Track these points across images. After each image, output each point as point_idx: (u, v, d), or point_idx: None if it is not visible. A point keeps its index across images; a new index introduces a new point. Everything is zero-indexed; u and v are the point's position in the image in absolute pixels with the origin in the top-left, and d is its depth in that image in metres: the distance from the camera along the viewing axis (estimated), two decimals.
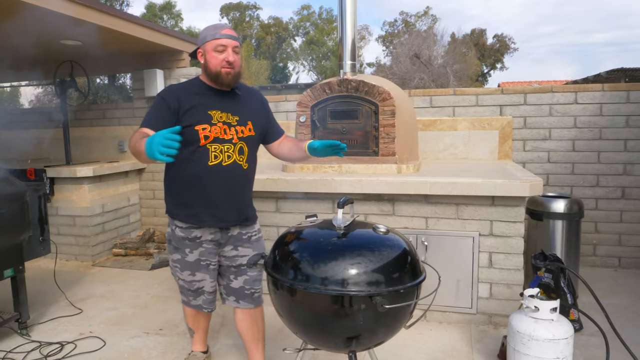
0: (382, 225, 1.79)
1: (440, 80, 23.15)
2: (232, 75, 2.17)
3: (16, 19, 3.72)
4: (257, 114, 2.37)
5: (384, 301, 1.54)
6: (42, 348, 3.01)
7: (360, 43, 39.42)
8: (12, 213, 3.02)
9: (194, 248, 2.30)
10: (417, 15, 34.78)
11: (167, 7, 30.10)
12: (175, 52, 5.17)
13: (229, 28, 2.18)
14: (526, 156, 4.39)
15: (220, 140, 2.18)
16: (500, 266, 3.17)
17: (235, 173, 2.24)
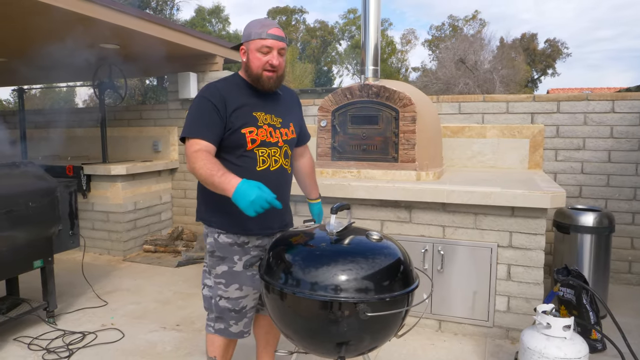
0: (375, 232, 1.77)
1: (485, 85, 22.61)
2: (274, 80, 2.02)
3: (65, 26, 3.95)
4: (296, 115, 2.28)
5: (367, 309, 1.53)
6: (65, 336, 3.16)
7: (406, 47, 39.16)
8: (43, 207, 3.19)
9: (243, 254, 2.10)
10: (465, 19, 34.16)
11: (215, 11, 30.90)
12: (208, 55, 5.31)
13: (276, 27, 1.99)
14: (558, 166, 4.23)
15: (267, 143, 2.05)
16: (519, 279, 3.06)
17: (282, 178, 2.13)
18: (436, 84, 23.90)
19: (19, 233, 3.04)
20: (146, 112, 5.80)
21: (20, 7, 3.49)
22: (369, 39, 3.57)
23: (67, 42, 4.56)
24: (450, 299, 3.20)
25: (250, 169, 2.02)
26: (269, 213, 1.99)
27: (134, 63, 5.12)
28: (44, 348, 2.99)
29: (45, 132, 6.37)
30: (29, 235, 3.12)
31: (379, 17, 3.58)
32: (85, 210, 5.08)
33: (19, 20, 3.80)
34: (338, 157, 3.65)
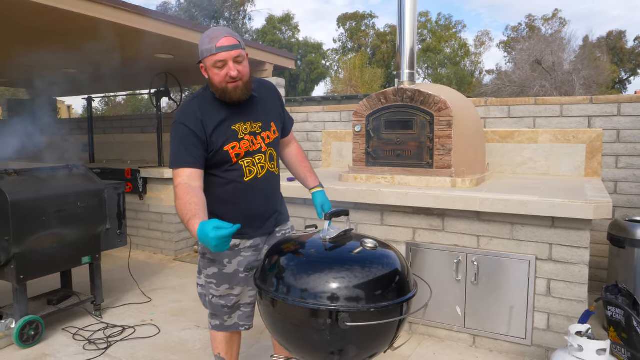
0: (370, 240, 1.72)
1: (564, 88, 21.28)
2: (241, 88, 1.95)
3: (122, 39, 4.24)
4: (275, 111, 2.21)
5: (347, 318, 1.49)
6: (107, 329, 3.36)
7: (480, 49, 37.83)
8: (91, 207, 3.43)
9: (233, 257, 2.11)
10: (544, 19, 32.40)
11: (286, 19, 31.64)
12: (258, 63, 5.44)
13: (225, 36, 1.89)
14: (619, 174, 3.88)
15: (250, 153, 2.05)
16: (559, 295, 2.84)
17: (271, 182, 2.16)
18: (510, 87, 22.86)
19: (68, 231, 3.28)
20: None
21: (75, 23, 3.78)
22: (404, 42, 3.49)
23: (125, 54, 4.88)
24: (485, 313, 3.04)
25: (238, 181, 2.05)
26: (263, 217, 2.16)
27: (187, 72, 5.36)
28: (86, 339, 3.20)
29: (112, 138, 6.83)
30: (78, 233, 3.36)
31: (415, 20, 3.50)
32: (141, 211, 5.39)
33: (77, 35, 4.12)
34: (372, 162, 3.59)
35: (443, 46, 37.12)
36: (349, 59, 32.75)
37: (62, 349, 3.09)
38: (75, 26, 3.87)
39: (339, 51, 40.33)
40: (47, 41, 4.43)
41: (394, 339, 1.72)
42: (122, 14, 3.83)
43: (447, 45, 37.08)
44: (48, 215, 3.14)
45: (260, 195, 2.12)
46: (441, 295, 3.15)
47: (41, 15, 3.57)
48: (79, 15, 3.54)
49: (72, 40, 4.36)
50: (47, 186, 3.22)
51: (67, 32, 4.07)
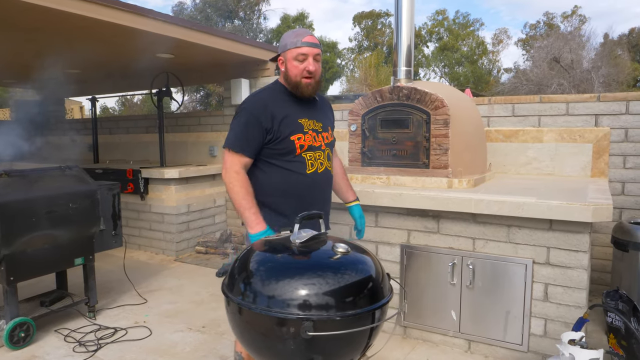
0: (342, 244, 1.64)
1: (582, 86, 20.79)
2: (313, 85, 2.13)
3: (122, 39, 4.23)
4: (331, 120, 2.39)
5: (309, 327, 1.41)
6: (99, 331, 3.34)
7: (497, 47, 37.29)
8: (83, 208, 3.41)
9: None
10: (564, 16, 31.75)
11: (300, 18, 31.60)
12: (259, 62, 5.39)
13: (310, 35, 2.10)
14: (627, 174, 3.73)
15: (313, 148, 2.18)
16: (557, 301, 2.73)
17: (328, 179, 2.28)
18: (527, 86, 22.45)
19: (60, 232, 3.27)
20: (204, 118, 6.03)
21: (70, 23, 3.77)
22: (401, 39, 3.40)
23: (126, 54, 4.87)
24: (481, 317, 2.93)
25: (301, 173, 2.15)
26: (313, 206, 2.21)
27: (188, 71, 5.34)
28: (77, 340, 3.18)
29: (118, 138, 6.86)
30: (70, 234, 3.34)
31: (412, 18, 3.40)
32: (143, 211, 5.39)
33: (76, 35, 4.11)
34: (368, 162, 3.51)
35: (460, 44, 36.70)
36: (364, 58, 32.62)
37: (52, 350, 3.07)
38: (72, 26, 3.86)
39: (354, 50, 40.18)
40: (49, 42, 4.44)
41: (367, 347, 1.64)
42: (121, 14, 3.81)
43: (464, 43, 36.65)
44: (38, 216, 3.12)
45: (319, 190, 2.23)
46: (436, 299, 3.05)
47: (41, 15, 3.57)
48: (75, 16, 3.54)
49: (72, 41, 4.37)
50: (38, 187, 3.21)
51: (66, 32, 4.06)
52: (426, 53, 39.67)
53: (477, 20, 42.47)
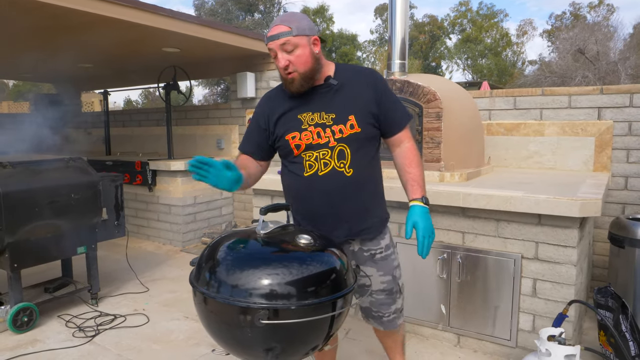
0: (306, 236, 1.67)
1: (608, 78, 20.23)
2: (297, 80, 1.81)
3: (131, 35, 4.33)
4: (363, 103, 1.87)
5: (263, 315, 1.45)
6: (99, 317, 3.45)
7: (522, 39, 36.49)
8: (85, 199, 3.51)
9: None
10: (590, 6, 30.87)
11: (320, 10, 31.50)
12: (265, 55, 5.43)
13: (275, 25, 1.79)
14: (630, 169, 3.64)
15: (313, 146, 1.87)
16: (545, 296, 2.70)
17: (335, 182, 1.88)
18: (550, 78, 21.95)
19: (62, 221, 3.38)
20: (212, 111, 6.11)
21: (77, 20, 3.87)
22: (395, 31, 3.39)
23: (134, 49, 4.97)
24: (470, 312, 2.93)
25: (299, 175, 1.92)
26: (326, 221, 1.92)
27: (195, 65, 5.41)
28: (77, 326, 3.30)
29: (130, 131, 7.00)
30: (72, 224, 3.45)
31: (407, 10, 3.38)
32: (151, 202, 5.51)
33: (84, 30, 4.22)
34: None
35: (483, 36, 36.06)
36: (385, 50, 32.27)
37: (53, 335, 3.20)
38: (79, 22, 3.96)
39: (375, 42, 39.86)
40: (59, 38, 4.56)
41: (328, 337, 1.67)
42: (125, 10, 3.89)
43: (488, 35, 35.99)
44: (41, 206, 3.24)
45: (318, 194, 1.90)
46: (426, 293, 3.06)
47: (50, 12, 3.67)
48: (80, 12, 3.62)
49: (81, 37, 4.48)
50: (41, 178, 3.32)
51: (75, 28, 4.17)
52: (449, 45, 39.09)
53: (501, 12, 41.57)
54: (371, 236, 2.00)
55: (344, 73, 1.91)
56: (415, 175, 1.92)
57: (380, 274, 2.02)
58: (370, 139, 1.92)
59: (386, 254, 2.02)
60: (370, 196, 1.97)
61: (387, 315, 2.08)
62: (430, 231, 1.81)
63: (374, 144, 1.96)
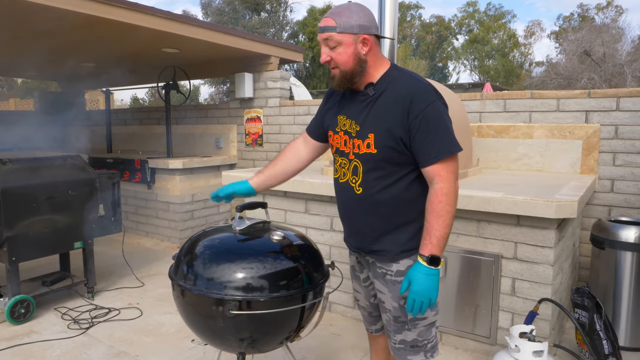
0: (279, 232, 1.76)
1: (614, 80, 20.16)
2: (338, 77, 1.72)
3: (131, 36, 4.44)
4: (388, 123, 1.67)
5: (232, 306, 1.54)
6: (94, 310, 3.56)
7: (529, 40, 36.37)
8: (82, 195, 3.62)
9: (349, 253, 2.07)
10: (598, 7, 30.73)
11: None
12: (263, 56, 5.52)
13: (327, 16, 1.68)
14: (616, 172, 3.70)
15: (340, 152, 1.83)
16: (524, 295, 2.77)
17: (348, 195, 1.83)
18: (556, 80, 21.91)
19: (59, 217, 3.49)
20: (211, 110, 6.21)
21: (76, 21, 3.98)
22: (384, 34, 3.46)
23: (133, 49, 5.08)
24: (452, 310, 3.01)
25: (334, 174, 1.91)
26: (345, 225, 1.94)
27: (195, 65, 5.51)
28: (72, 318, 3.41)
29: (131, 129, 7.12)
30: (69, 219, 3.56)
31: (395, 12, 3.45)
32: (150, 200, 5.62)
33: (84, 31, 4.33)
34: None
35: (490, 37, 35.98)
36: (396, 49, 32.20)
37: (49, 327, 3.31)
38: (79, 24, 4.07)
39: None
40: (60, 38, 4.68)
41: (299, 328, 1.76)
42: (122, 12, 4.00)
43: (495, 36, 35.91)
44: (39, 202, 3.35)
45: (340, 199, 1.90)
46: None
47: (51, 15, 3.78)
48: (79, 14, 3.73)
49: (82, 37, 4.59)
50: (39, 175, 3.43)
51: (75, 29, 4.28)
52: (456, 46, 39.02)
53: (509, 12, 41.43)
54: (385, 260, 1.83)
55: (387, 82, 1.72)
56: (431, 227, 1.65)
57: (390, 295, 1.85)
58: (392, 163, 1.71)
59: (395, 279, 1.82)
60: (385, 221, 1.78)
61: (394, 341, 1.91)
62: (426, 297, 1.63)
63: (402, 168, 1.72)
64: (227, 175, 3.88)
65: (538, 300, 2.35)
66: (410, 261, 1.78)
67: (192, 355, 2.92)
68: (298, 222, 3.62)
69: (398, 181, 1.72)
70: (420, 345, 1.87)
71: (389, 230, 1.77)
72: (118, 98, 26.28)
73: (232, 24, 25.71)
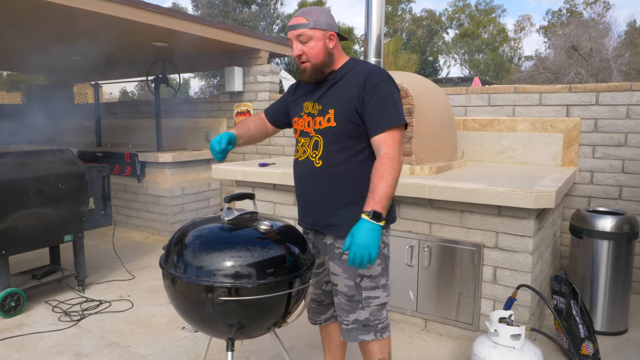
0: (266, 222, 1.83)
1: (601, 75, 20.38)
2: (309, 70, 1.91)
3: (119, 29, 4.45)
4: (347, 98, 1.88)
5: (221, 293, 1.61)
6: (85, 303, 3.60)
7: (519, 34, 36.61)
8: (72, 189, 3.65)
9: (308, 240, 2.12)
10: (586, 3, 30.99)
11: (317, 3, 31.45)
12: (252, 50, 5.55)
13: (297, 16, 1.88)
14: (595, 164, 3.80)
15: (303, 133, 2.02)
16: (505, 283, 2.87)
17: (307, 170, 1.98)
18: (544, 74, 22.09)
19: (49, 210, 3.52)
20: (201, 104, 6.24)
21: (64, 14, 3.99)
22: (371, 29, 3.52)
23: (124, 43, 5.09)
24: (436, 298, 3.09)
25: (295, 157, 2.10)
26: (303, 205, 2.08)
27: (184, 59, 5.53)
28: (63, 311, 3.45)
29: (122, 122, 7.12)
30: (59, 213, 3.59)
31: (382, 7, 3.51)
32: (140, 193, 5.65)
33: (71, 23, 4.34)
34: None
35: (481, 31, 36.14)
36: (383, 44, 32.26)
37: (40, 319, 3.34)
38: (66, 16, 4.08)
39: None
40: (48, 32, 4.68)
41: (286, 314, 1.83)
42: (112, 5, 4.01)
43: (485, 30, 36.08)
44: (28, 195, 3.38)
45: (297, 178, 2.07)
46: (395, 280, 3.21)
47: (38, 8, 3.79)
48: (66, 7, 3.74)
49: (69, 30, 4.59)
50: (29, 168, 3.46)
51: (61, 22, 4.29)
52: (446, 40, 39.12)
53: (499, 7, 41.67)
54: (341, 234, 1.93)
55: (348, 68, 1.94)
56: (374, 187, 1.76)
57: (345, 276, 1.97)
58: (350, 136, 1.88)
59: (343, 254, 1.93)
60: (342, 194, 1.92)
61: (346, 323, 2.01)
62: (367, 251, 1.67)
63: (358, 142, 1.89)
64: (216, 168, 3.93)
65: (516, 287, 2.44)
66: None
67: (183, 345, 2.98)
68: (287, 214, 3.68)
69: (355, 155, 1.91)
70: (371, 324, 2.00)
71: (345, 204, 1.92)
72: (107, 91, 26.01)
73: (222, 17, 25.54)
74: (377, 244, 1.70)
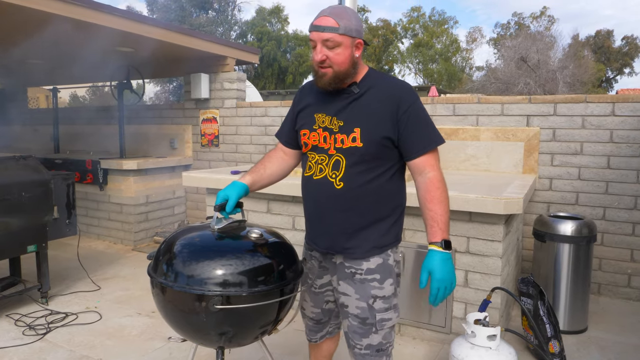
0: (256, 230, 1.84)
1: (548, 85, 21.50)
2: (329, 77, 1.74)
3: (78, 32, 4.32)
4: (376, 118, 1.76)
5: (217, 301, 1.61)
6: (50, 316, 3.46)
7: (471, 45, 38.00)
8: (36, 197, 3.51)
9: (308, 258, 2.04)
10: (532, 16, 32.63)
11: (275, 11, 31.55)
12: (220, 57, 5.52)
13: (324, 15, 1.71)
14: (554, 171, 4.03)
15: (317, 149, 1.84)
16: (476, 286, 2.99)
17: (324, 191, 1.82)
18: (495, 84, 23.05)
19: (12, 219, 3.37)
20: (165, 111, 6.14)
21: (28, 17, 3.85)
22: None
23: (85, 46, 4.94)
24: (410, 302, 3.18)
25: (303, 173, 1.93)
26: (315, 226, 1.93)
27: (150, 65, 5.43)
28: (27, 324, 3.31)
29: (80, 128, 6.89)
30: (23, 222, 3.45)
31: (354, 9, 3.59)
32: (102, 201, 5.48)
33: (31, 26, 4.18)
34: None
35: (434, 41, 37.24)
36: None
37: (2, 334, 3.19)
38: (27, 18, 3.93)
39: None
40: (9, 34, 4.49)
41: (276, 321, 1.84)
42: (73, 8, 3.90)
43: (439, 40, 37.21)
44: None
45: (312, 198, 1.90)
46: None
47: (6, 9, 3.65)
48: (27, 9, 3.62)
49: (28, 33, 4.43)
50: None
51: (21, 24, 4.13)
52: (401, 49, 40.07)
53: (451, 18, 43.08)
54: (355, 256, 1.86)
55: (371, 81, 1.81)
56: (435, 214, 1.73)
57: (357, 297, 1.86)
58: (376, 157, 1.79)
59: (365, 277, 1.84)
60: (361, 215, 1.82)
61: (359, 347, 1.89)
62: (449, 282, 1.71)
63: (384, 164, 1.81)
64: (187, 176, 3.88)
65: (491, 289, 2.55)
66: (381, 259, 1.85)
67: (158, 356, 2.93)
68: (260, 222, 3.68)
69: (379, 176, 1.80)
70: (384, 348, 1.91)
71: (364, 226, 1.82)
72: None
73: (178, 21, 25.16)
74: (454, 272, 1.72)
